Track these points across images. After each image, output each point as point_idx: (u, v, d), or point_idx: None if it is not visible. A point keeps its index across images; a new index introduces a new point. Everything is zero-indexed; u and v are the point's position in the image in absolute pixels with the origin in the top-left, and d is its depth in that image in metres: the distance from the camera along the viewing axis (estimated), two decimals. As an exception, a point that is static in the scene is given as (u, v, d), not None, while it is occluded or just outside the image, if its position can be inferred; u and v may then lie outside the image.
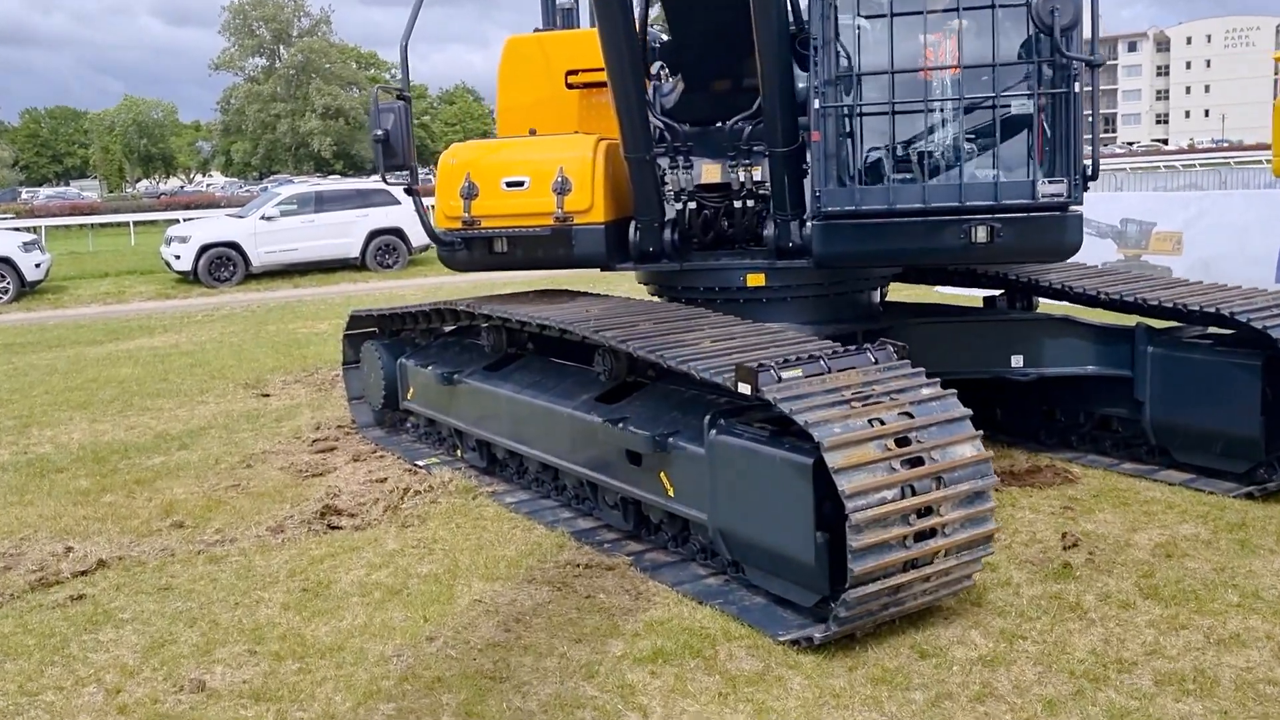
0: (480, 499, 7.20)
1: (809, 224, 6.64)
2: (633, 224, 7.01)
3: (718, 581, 5.54)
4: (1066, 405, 7.54)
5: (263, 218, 24.42)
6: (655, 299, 7.64)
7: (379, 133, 6.65)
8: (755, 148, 6.73)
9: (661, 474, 5.70)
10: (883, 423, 4.66)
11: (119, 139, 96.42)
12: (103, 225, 40.64)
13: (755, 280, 6.99)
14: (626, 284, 11.45)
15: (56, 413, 10.62)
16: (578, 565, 5.87)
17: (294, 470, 8.13)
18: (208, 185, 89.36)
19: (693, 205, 6.99)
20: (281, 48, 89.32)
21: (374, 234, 25.41)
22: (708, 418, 5.29)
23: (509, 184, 7.07)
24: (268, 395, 11.00)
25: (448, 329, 8.74)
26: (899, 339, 6.90)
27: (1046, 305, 8.18)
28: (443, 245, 7.18)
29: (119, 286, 23.91)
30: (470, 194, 7.07)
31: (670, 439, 5.59)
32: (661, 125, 6.89)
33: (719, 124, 7.23)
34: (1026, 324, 7.35)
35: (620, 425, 5.90)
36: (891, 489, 4.50)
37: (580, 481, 6.63)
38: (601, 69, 7.81)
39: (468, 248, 7.19)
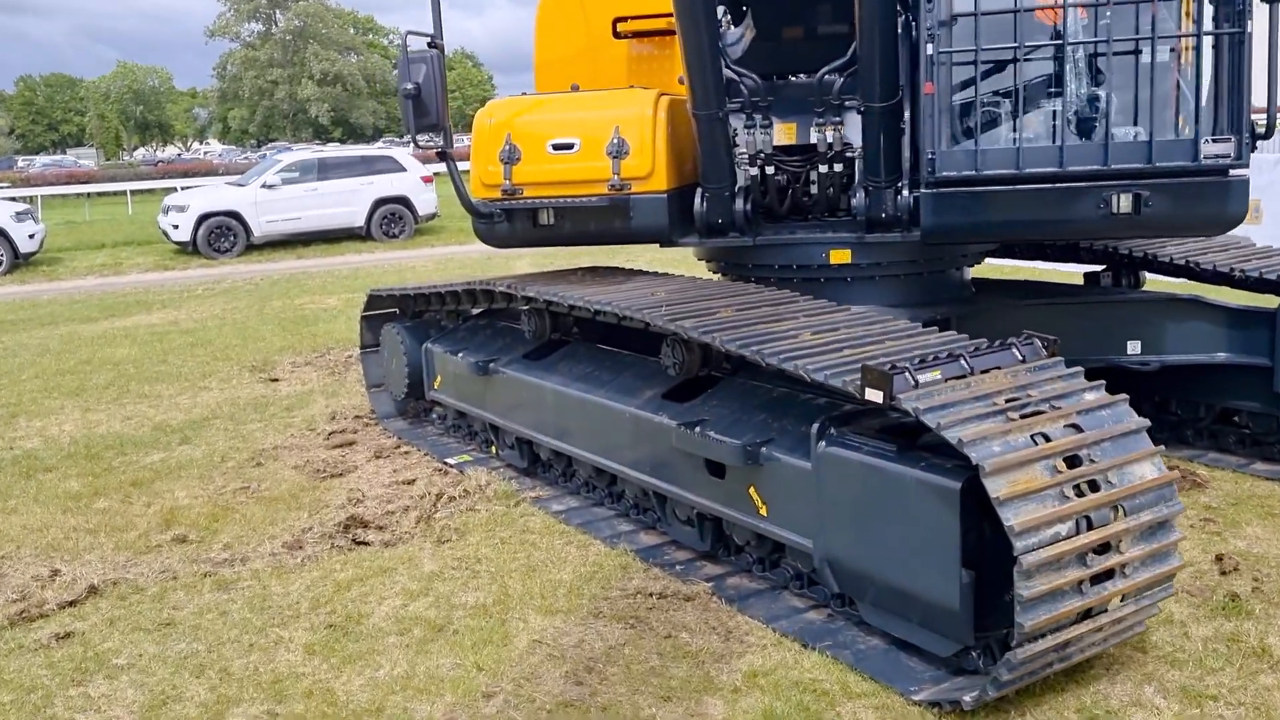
0: (523, 506, 6.34)
1: (906, 192, 5.74)
2: (699, 192, 6.10)
3: (820, 617, 4.68)
4: (1185, 397, 6.66)
5: (264, 186, 23.40)
6: (717, 277, 6.74)
7: (409, 86, 5.71)
8: (847, 103, 5.80)
9: (751, 489, 4.83)
10: (1048, 438, 3.78)
11: (115, 107, 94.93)
12: (99, 194, 39.58)
13: (840, 257, 6.08)
14: (672, 260, 10.53)
15: (47, 400, 9.74)
16: (650, 594, 5.01)
17: (310, 469, 7.26)
18: (205, 153, 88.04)
19: (769, 170, 6.06)
20: (278, 13, 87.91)
21: (379, 202, 24.40)
22: (816, 426, 4.41)
23: (556, 147, 6.15)
24: (276, 380, 10.11)
25: (476, 310, 7.85)
26: (996, 323, 6.06)
27: (1156, 282, 7.29)
28: (480, 218, 6.26)
29: (115, 258, 22.96)
30: (511, 158, 6.15)
31: (764, 449, 4.71)
32: (735, 77, 5.94)
33: (796, 76, 6.30)
34: (1145, 306, 6.44)
35: (698, 430, 5.02)
36: (1065, 522, 3.63)
37: (643, 491, 5.76)
38: (654, 15, 6.93)
39: (508, 220, 6.27)
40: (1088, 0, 4.96)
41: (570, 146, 6.13)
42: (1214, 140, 4.84)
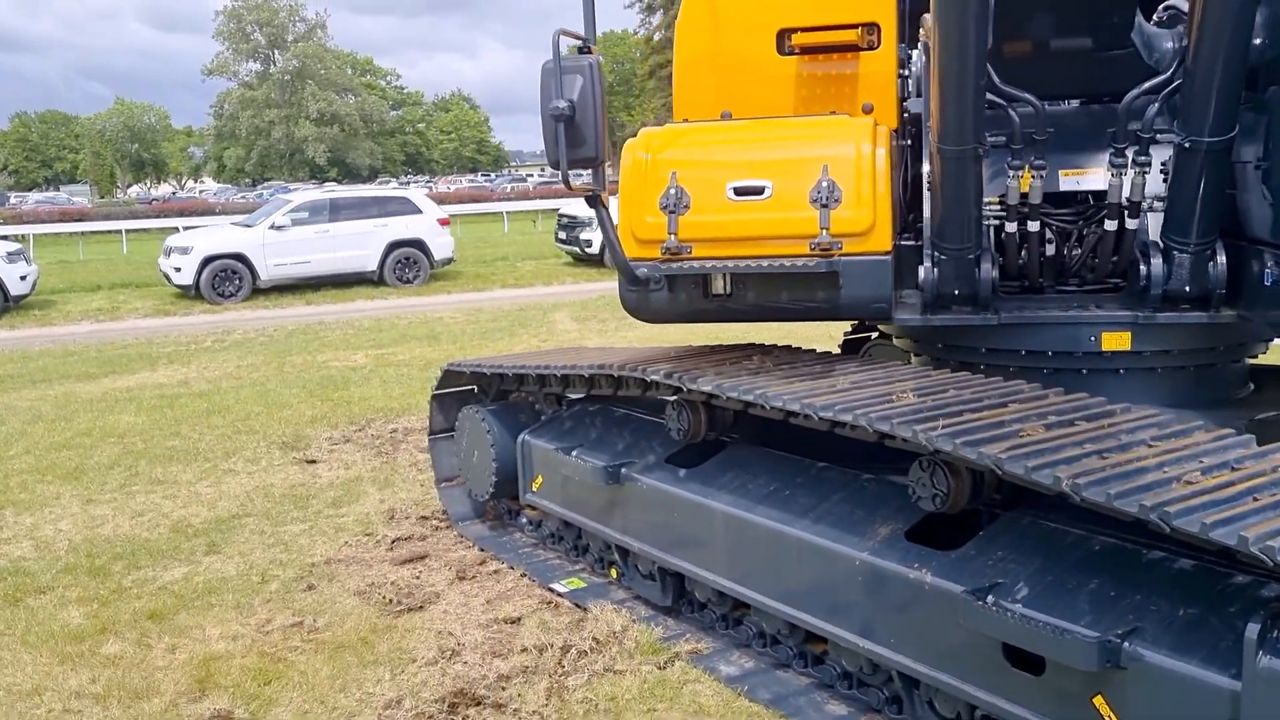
0: (681, 666, 4.74)
1: (1221, 257, 4.24)
2: (927, 254, 4.57)
3: None
4: None
5: (272, 227, 21.89)
6: (921, 365, 5.21)
7: (561, 105, 4.16)
8: (1158, 136, 4.28)
9: (1099, 700, 3.25)
10: None
11: (110, 144, 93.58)
12: (93, 233, 38.01)
13: (1115, 341, 4.54)
14: (811, 335, 8.94)
15: (40, 486, 8.10)
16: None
17: (378, 598, 5.65)
18: (200, 191, 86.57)
19: (1031, 226, 4.53)
20: (276, 52, 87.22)
21: (393, 246, 22.90)
22: (1255, 626, 2.84)
23: (740, 191, 4.61)
24: (313, 462, 8.49)
25: (577, 394, 6.30)
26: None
27: None
28: (633, 283, 4.71)
29: (112, 301, 21.35)
30: (678, 205, 4.62)
31: (1128, 644, 3.14)
32: (1000, 101, 4.40)
33: (1068, 102, 4.80)
34: None
35: (1005, 608, 3.44)
36: None
37: (871, 663, 4.17)
38: (836, 26, 5.45)
39: (671, 288, 4.71)
40: None
41: (759, 191, 4.59)
42: None
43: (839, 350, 8.33)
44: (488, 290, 21.99)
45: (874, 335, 8.06)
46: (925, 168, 4.56)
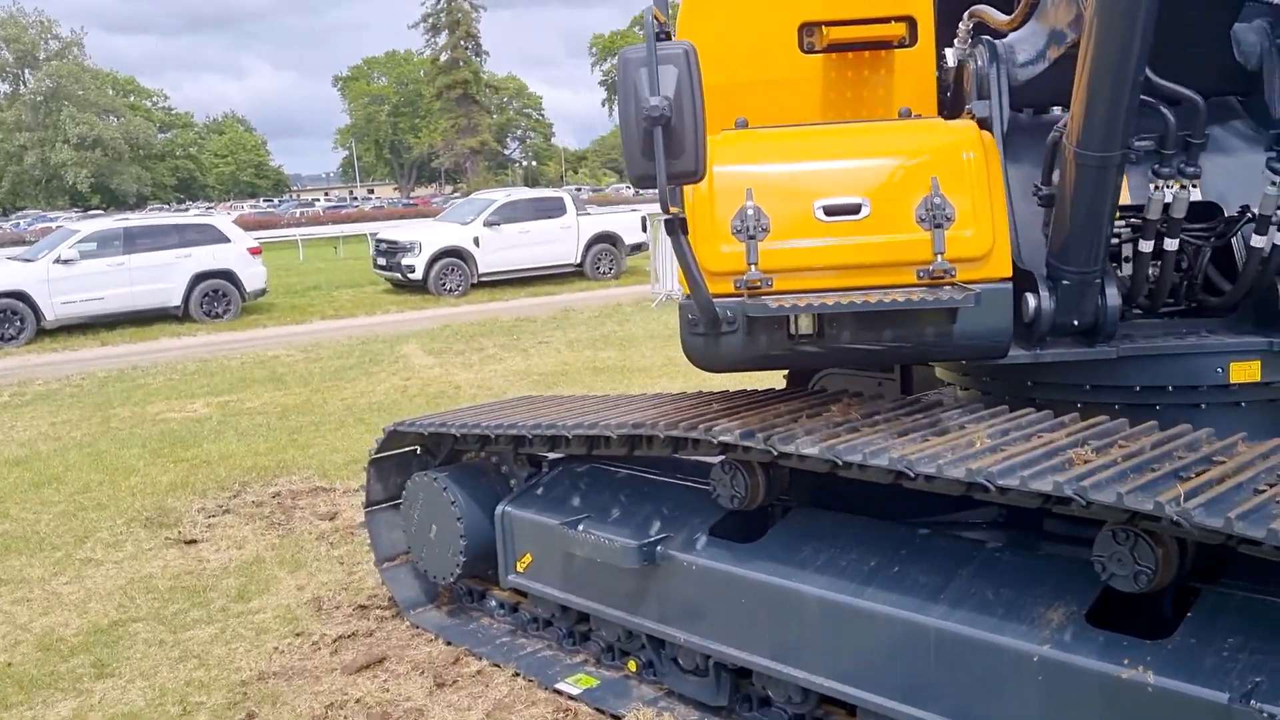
0: (770, 787, 3.90)
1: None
2: (1044, 281, 3.92)
3: None
4: None
5: (58, 260, 19.58)
6: (969, 400, 4.54)
7: (658, 103, 3.24)
8: None
9: None
10: None
11: None
12: None
13: (1244, 373, 4.01)
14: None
15: None
16: None
17: (347, 723, 4.55)
18: (-62, 222, 78.70)
19: (1169, 244, 3.93)
20: (27, 72, 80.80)
21: (199, 278, 20.94)
22: None
23: (830, 210, 3.82)
24: (193, 541, 7.13)
25: (554, 455, 5.37)
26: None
27: None
28: (711, 326, 3.82)
29: None
30: (755, 228, 3.79)
31: None
32: (1153, 100, 3.75)
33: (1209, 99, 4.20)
34: None
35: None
36: None
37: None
38: (867, 19, 4.80)
39: (749, 330, 3.86)
40: None
41: (855, 210, 3.81)
42: None
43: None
44: (308, 323, 20.35)
45: None
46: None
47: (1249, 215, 3.91)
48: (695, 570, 4.34)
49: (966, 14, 4.59)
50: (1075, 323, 3.95)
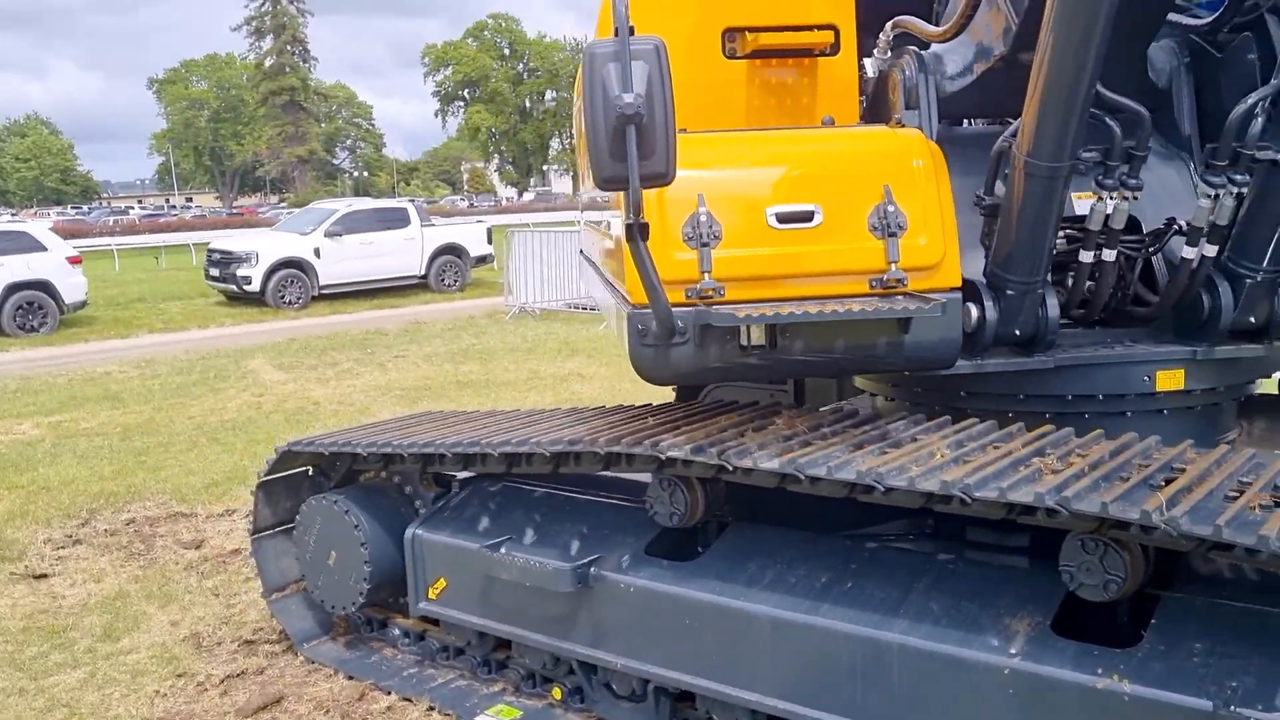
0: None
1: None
2: (986, 291, 3.92)
3: None
4: None
5: None
6: (899, 412, 4.53)
7: (630, 99, 3.05)
8: (1258, 155, 3.86)
9: None
10: None
11: None
12: None
13: (1169, 381, 4.12)
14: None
15: None
16: None
17: (253, 772, 4.17)
18: None
19: (1108, 254, 3.98)
20: None
21: (12, 288, 19.53)
22: None
23: (783, 218, 3.72)
24: (43, 576, 6.50)
25: (464, 474, 5.12)
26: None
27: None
28: (664, 337, 3.65)
29: None
30: (708, 235, 3.65)
31: None
32: (1100, 111, 3.77)
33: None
34: None
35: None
36: None
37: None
38: (790, 27, 4.77)
39: (700, 341, 3.71)
40: None
41: (808, 217, 3.72)
42: None
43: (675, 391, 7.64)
44: (135, 337, 19.19)
45: None
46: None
47: (1176, 227, 4.01)
48: (633, 591, 4.16)
49: (890, 24, 4.59)
50: (1017, 333, 3.97)
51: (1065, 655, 3.25)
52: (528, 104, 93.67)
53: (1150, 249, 4.04)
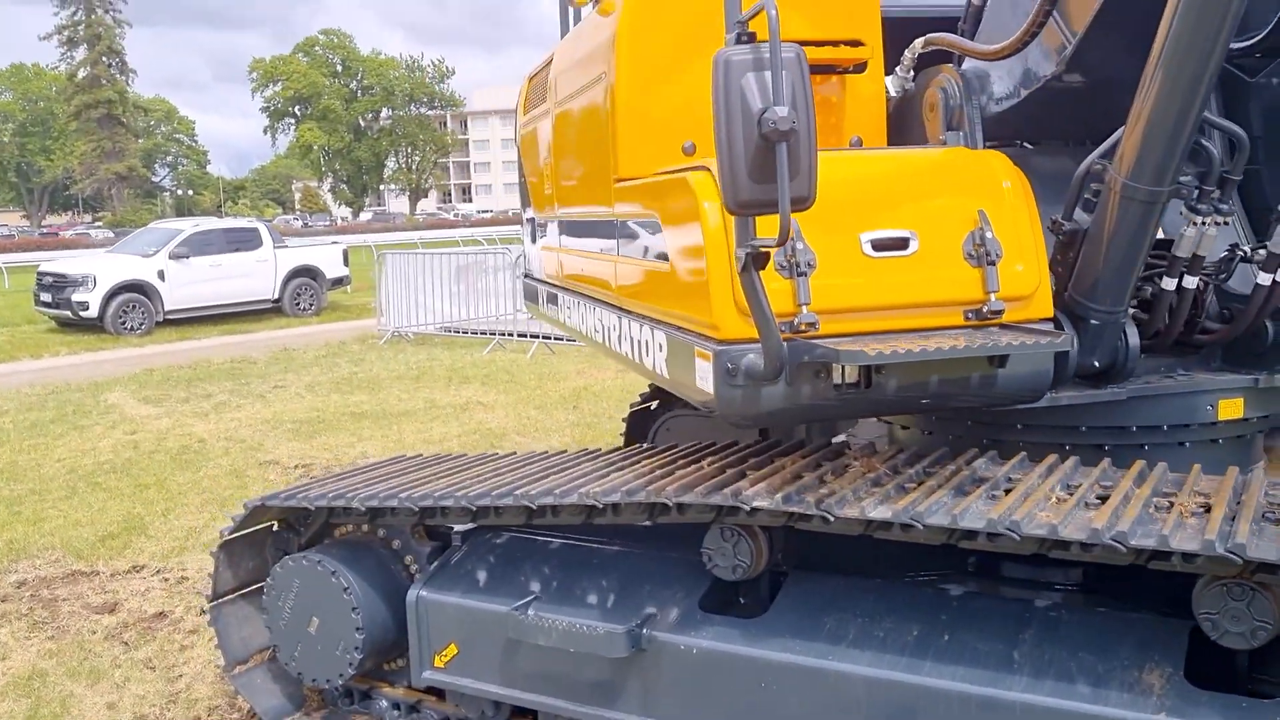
0: None
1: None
2: (1066, 320, 3.73)
3: None
4: None
5: None
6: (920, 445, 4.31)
7: (785, 113, 2.69)
8: None
9: None
10: None
11: None
12: None
13: (1230, 410, 4.03)
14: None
15: None
16: None
17: None
18: None
19: (1189, 281, 3.83)
20: None
21: None
22: None
23: (879, 245, 3.43)
24: (-66, 653, 5.63)
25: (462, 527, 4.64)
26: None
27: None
28: (771, 373, 3.28)
29: None
30: (804, 264, 3.33)
31: None
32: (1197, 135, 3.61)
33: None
34: None
35: None
36: None
37: None
38: (811, 42, 4.52)
39: (793, 379, 3.37)
40: None
41: (903, 245, 3.45)
42: None
43: (625, 426, 7.32)
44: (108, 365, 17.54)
45: (653, 405, 7.13)
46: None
47: (1241, 254, 3.92)
48: (695, 654, 3.78)
49: (920, 41, 4.38)
50: (1096, 364, 3.80)
51: (1213, 708, 3.06)
52: (362, 122, 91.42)
53: (1221, 276, 3.94)
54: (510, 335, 16.57)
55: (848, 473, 3.70)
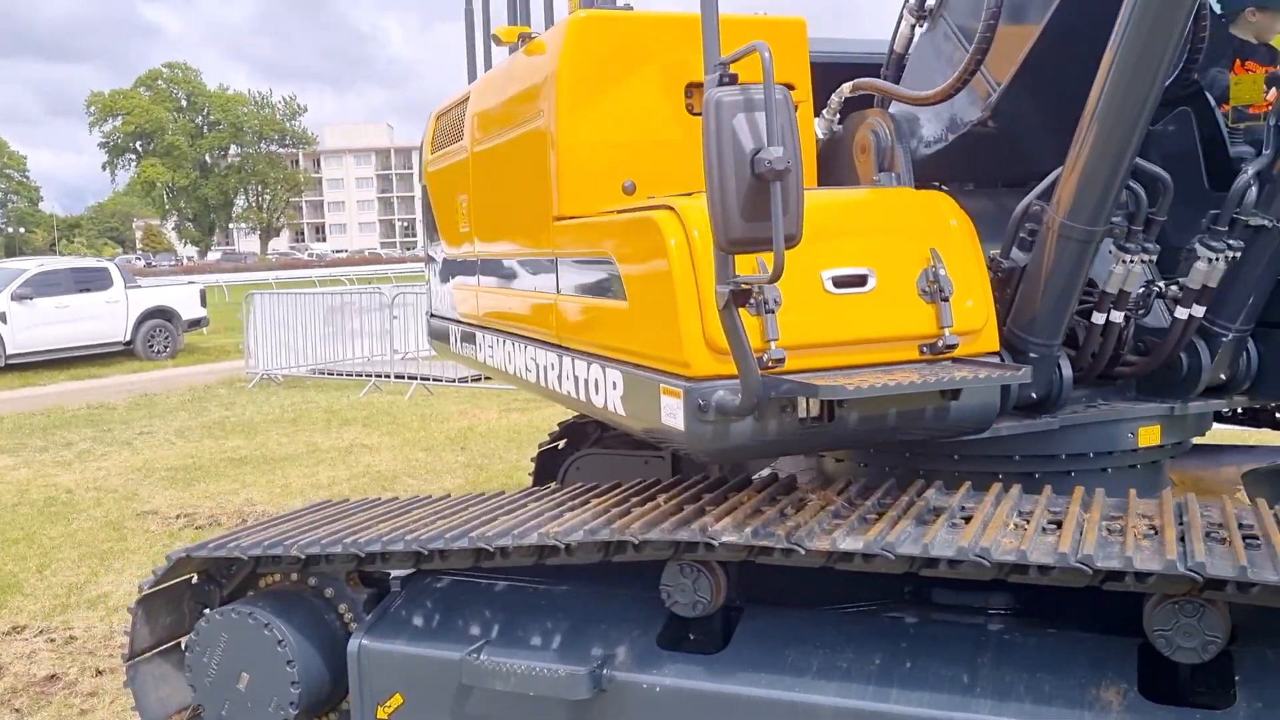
0: None
1: (1252, 344, 4.22)
2: (1005, 354, 3.89)
3: None
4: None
5: None
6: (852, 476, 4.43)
7: (781, 153, 2.72)
8: (1252, 221, 4.02)
9: None
10: None
11: None
12: None
13: (1149, 436, 4.27)
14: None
15: None
16: None
17: None
18: None
19: (1116, 316, 4.02)
20: None
21: None
22: None
23: (839, 281, 3.52)
24: None
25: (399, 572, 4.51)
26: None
27: None
28: (747, 409, 3.30)
29: None
30: (770, 302, 3.38)
31: None
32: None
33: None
34: None
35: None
36: None
37: None
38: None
39: (761, 415, 3.40)
40: None
41: (861, 281, 3.54)
42: None
43: (534, 465, 7.29)
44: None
45: (561, 443, 7.14)
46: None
47: (1157, 289, 4.16)
48: (659, 692, 3.76)
49: (848, 85, 4.53)
50: (1033, 395, 3.97)
51: (1173, 722, 3.21)
52: (209, 159, 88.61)
53: (1141, 310, 4.17)
54: (386, 377, 16.24)
55: (806, 506, 3.76)
